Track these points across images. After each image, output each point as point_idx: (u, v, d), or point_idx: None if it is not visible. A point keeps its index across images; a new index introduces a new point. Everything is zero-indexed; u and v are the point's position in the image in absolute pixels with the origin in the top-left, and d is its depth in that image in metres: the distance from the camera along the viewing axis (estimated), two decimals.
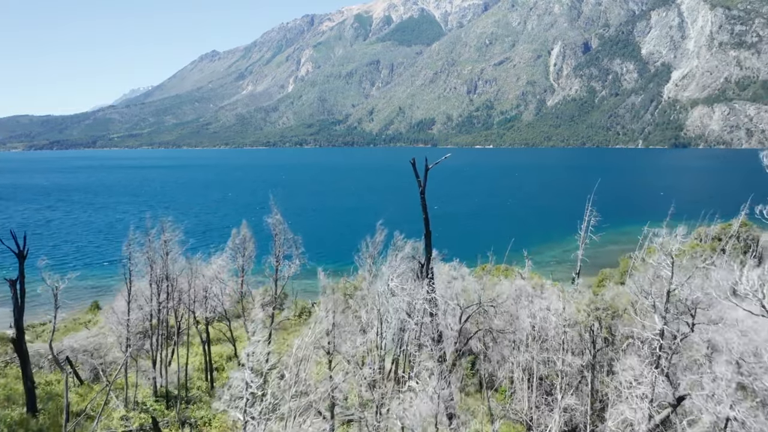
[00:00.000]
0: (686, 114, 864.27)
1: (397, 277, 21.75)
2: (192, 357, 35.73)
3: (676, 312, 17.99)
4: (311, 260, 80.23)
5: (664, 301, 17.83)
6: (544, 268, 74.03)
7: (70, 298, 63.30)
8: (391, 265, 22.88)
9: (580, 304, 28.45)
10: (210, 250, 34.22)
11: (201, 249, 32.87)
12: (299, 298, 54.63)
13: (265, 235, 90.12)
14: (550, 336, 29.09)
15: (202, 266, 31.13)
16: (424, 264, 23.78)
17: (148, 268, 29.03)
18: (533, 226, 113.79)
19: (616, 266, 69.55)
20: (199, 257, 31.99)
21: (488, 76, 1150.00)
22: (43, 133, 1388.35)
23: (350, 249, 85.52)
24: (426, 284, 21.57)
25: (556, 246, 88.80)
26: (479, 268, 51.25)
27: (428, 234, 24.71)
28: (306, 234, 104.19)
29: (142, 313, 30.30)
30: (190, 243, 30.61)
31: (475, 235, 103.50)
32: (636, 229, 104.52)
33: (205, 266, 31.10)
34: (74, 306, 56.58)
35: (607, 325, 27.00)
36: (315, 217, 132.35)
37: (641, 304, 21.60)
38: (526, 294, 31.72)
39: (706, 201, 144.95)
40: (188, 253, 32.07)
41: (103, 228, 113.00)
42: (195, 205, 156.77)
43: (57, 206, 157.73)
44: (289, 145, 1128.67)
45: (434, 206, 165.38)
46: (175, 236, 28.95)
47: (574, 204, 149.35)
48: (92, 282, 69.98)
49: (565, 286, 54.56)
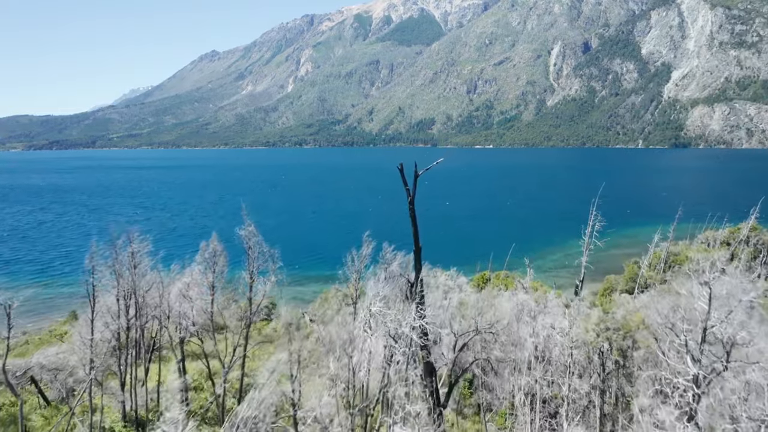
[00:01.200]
0: (686, 114, 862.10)
1: (380, 301, 19.10)
2: (170, 375, 33.15)
3: (708, 348, 15.37)
4: (309, 265, 77.47)
5: (699, 340, 15.20)
6: (546, 273, 71.41)
7: (48, 308, 60.87)
8: (374, 286, 20.25)
9: (588, 323, 25.86)
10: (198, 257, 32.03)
11: (195, 253, 30.43)
12: (289, 307, 52.13)
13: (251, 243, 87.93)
14: (555, 356, 26.51)
15: (178, 278, 28.54)
16: (413, 283, 21.14)
17: (114, 282, 26.48)
18: (534, 229, 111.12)
19: (620, 272, 66.95)
20: (175, 268, 29.46)
21: (488, 76, 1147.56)
22: (43, 133, 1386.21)
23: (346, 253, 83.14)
24: (414, 309, 18.90)
25: (557, 249, 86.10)
26: (478, 276, 48.75)
27: (418, 250, 22.06)
28: (303, 236, 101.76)
29: (109, 331, 27.69)
30: (162, 253, 27.94)
31: (474, 239, 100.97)
32: (640, 232, 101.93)
33: (180, 278, 28.49)
34: (53, 316, 53.98)
35: (618, 347, 24.42)
36: (313, 219, 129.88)
37: (661, 330, 18.97)
38: (529, 310, 29.13)
39: (711, 202, 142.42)
40: (175, 260, 29.62)
41: (95, 231, 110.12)
42: (190, 207, 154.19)
43: (50, 208, 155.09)
44: (288, 145, 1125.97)
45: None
46: (143, 247, 26.29)
47: (576, 206, 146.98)
48: (75, 289, 67.18)
49: (570, 296, 51.88)
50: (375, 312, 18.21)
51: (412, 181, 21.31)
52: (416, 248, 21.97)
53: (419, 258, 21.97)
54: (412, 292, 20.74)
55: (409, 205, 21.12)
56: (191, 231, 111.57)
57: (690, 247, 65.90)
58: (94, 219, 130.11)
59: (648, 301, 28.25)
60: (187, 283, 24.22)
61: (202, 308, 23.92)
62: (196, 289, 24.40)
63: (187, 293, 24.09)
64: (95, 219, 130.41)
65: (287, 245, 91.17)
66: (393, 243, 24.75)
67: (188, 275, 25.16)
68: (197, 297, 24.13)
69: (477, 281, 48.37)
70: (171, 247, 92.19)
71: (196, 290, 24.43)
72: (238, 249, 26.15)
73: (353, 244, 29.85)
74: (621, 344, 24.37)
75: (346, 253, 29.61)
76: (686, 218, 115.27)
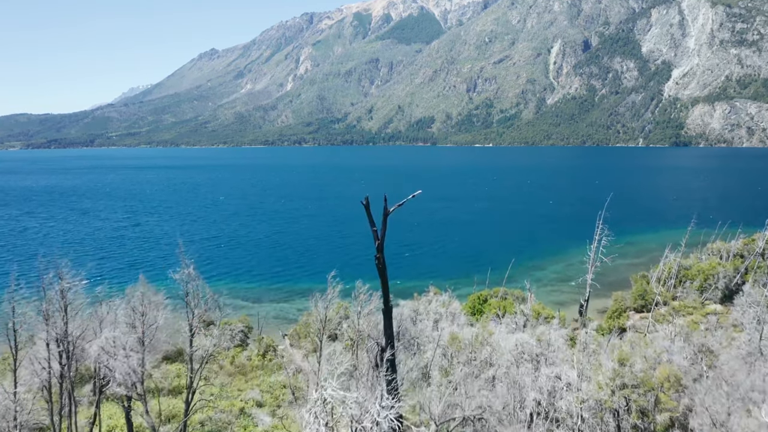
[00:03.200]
0: (687, 112, 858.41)
1: (338, 378, 14.76)
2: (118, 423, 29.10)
3: None
4: (298, 276, 73.32)
5: None
6: (547, 287, 67.20)
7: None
8: (330, 359, 16.00)
9: (600, 374, 21.77)
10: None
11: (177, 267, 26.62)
12: (266, 331, 47.87)
13: (246, 258, 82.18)
14: (562, 412, 22.42)
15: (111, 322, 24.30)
16: (383, 348, 16.88)
17: (42, 325, 22.42)
18: (534, 234, 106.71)
19: (627, 285, 62.78)
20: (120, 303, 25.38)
21: (488, 75, 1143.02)
22: (42, 131, 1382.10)
23: (340, 264, 78.71)
24: (382, 392, 14.56)
25: (559, 259, 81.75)
26: (474, 296, 44.60)
27: (388, 311, 17.66)
28: (295, 243, 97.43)
29: (39, 380, 23.65)
30: (98, 293, 23.78)
31: (472, 245, 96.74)
32: (647, 239, 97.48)
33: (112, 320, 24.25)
34: None
35: (638, 407, 20.37)
36: (308, 223, 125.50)
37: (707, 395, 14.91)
38: (530, 352, 25.04)
39: (722, 207, 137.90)
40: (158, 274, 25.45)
41: (78, 239, 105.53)
42: (182, 213, 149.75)
43: (37, 212, 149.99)
44: (287, 144, 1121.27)
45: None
46: (75, 284, 22.15)
47: (578, 208, 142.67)
48: None
49: (574, 316, 47.46)
50: (328, 397, 14.08)
51: (381, 221, 16.92)
52: (386, 308, 17.64)
53: (390, 319, 17.60)
54: (382, 359, 16.54)
55: (377, 253, 16.68)
56: (174, 240, 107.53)
57: (701, 260, 61.77)
58: (81, 225, 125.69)
59: (672, 346, 24.14)
60: (110, 339, 19.99)
61: (130, 368, 19.70)
62: (121, 343, 20.14)
63: (110, 349, 19.91)
64: (82, 225, 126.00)
65: (277, 254, 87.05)
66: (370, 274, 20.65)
67: (106, 331, 20.90)
68: (122, 355, 19.88)
69: (473, 302, 44.22)
70: (153, 258, 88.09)
71: (122, 346, 20.16)
72: (216, 259, 22.16)
73: (343, 257, 25.80)
74: (641, 403, 20.32)
75: (335, 265, 25.46)
76: (698, 226, 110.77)
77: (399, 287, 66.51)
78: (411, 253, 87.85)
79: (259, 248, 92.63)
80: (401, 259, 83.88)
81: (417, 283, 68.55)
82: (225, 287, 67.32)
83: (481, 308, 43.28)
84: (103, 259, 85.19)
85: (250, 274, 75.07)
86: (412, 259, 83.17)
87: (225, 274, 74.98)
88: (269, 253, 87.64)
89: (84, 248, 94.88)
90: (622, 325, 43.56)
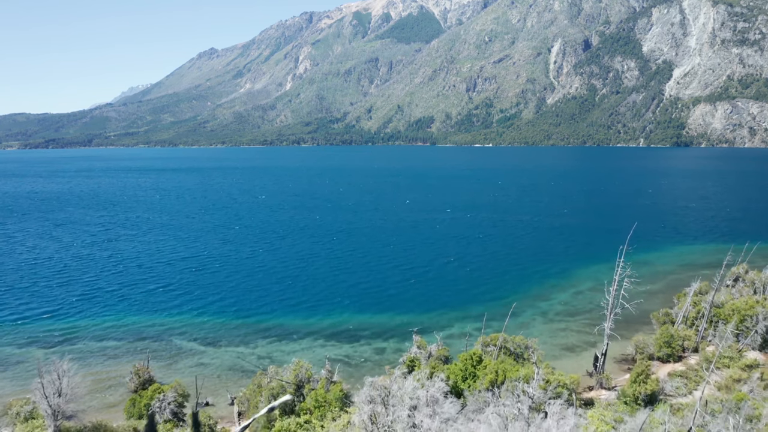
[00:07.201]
0: (688, 112, 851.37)
1: None
2: None
3: None
4: (276, 310, 64.58)
5: None
6: (553, 322, 58.71)
7: None
8: None
9: None
10: None
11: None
12: (213, 390, 39.41)
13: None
14: None
15: None
16: None
17: None
18: (538, 253, 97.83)
19: (647, 322, 54.37)
20: None
21: (488, 74, 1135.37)
22: (40, 131, 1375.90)
23: (334, 291, 70.11)
24: None
25: (567, 285, 72.95)
26: (466, 356, 36.38)
27: None
28: (278, 267, 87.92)
29: None
30: None
31: (469, 269, 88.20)
32: (661, 258, 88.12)
33: None
34: None
35: None
36: (301, 234, 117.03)
37: None
38: None
39: (744, 219, 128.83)
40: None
41: (44, 259, 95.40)
42: (169, 224, 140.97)
43: (5, 223, 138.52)
44: (286, 144, 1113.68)
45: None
46: None
47: (584, 219, 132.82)
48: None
49: (587, 372, 38.46)
50: None
51: None
52: None
53: None
54: None
55: None
56: (144, 263, 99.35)
57: (733, 295, 53.45)
58: (52, 241, 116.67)
59: None
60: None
61: None
62: None
63: None
64: (53, 241, 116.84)
65: (252, 281, 78.04)
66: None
67: None
68: None
69: (464, 364, 35.91)
70: (126, 283, 79.79)
71: None
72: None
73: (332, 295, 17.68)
74: None
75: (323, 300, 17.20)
76: (721, 238, 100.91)
77: (384, 325, 58.42)
78: (401, 277, 79.65)
79: (237, 272, 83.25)
80: (390, 285, 75.58)
81: (404, 319, 60.33)
82: (184, 323, 59.08)
83: (474, 372, 35.07)
84: (62, 286, 76.95)
85: (218, 304, 66.46)
86: (402, 287, 74.53)
87: (188, 303, 66.53)
88: (243, 280, 78.41)
89: (41, 274, 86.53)
90: (649, 391, 35.32)
